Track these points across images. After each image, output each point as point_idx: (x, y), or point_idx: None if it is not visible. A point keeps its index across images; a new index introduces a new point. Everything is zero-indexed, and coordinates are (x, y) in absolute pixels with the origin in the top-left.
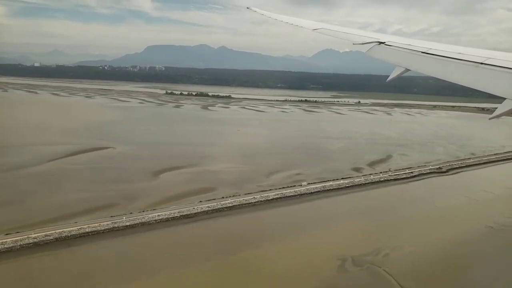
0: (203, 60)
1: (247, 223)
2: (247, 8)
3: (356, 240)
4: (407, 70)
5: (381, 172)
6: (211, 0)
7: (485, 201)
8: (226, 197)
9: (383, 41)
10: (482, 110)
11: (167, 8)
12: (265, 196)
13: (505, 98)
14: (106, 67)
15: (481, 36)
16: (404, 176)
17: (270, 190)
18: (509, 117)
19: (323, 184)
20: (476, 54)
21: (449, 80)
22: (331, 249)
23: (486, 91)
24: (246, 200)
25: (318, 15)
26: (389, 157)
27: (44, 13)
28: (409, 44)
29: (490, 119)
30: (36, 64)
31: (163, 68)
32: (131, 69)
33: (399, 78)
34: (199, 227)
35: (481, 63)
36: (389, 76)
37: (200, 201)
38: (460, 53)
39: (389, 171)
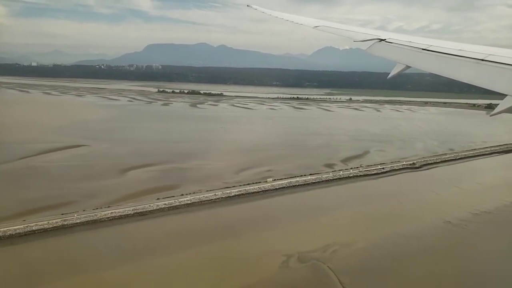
0: (202, 59)
1: (200, 221)
2: (248, 6)
3: (308, 236)
4: (407, 67)
5: (351, 168)
6: None
7: (450, 196)
8: (186, 194)
9: (383, 38)
10: (473, 106)
11: (167, 7)
12: (227, 193)
13: (506, 95)
14: (103, 66)
15: (482, 32)
16: (374, 172)
17: (234, 186)
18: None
19: (289, 180)
20: (477, 51)
21: (450, 77)
22: (280, 245)
23: (487, 88)
24: (206, 197)
25: (318, 13)
26: (366, 153)
27: (44, 13)
28: (409, 41)
29: (491, 115)
30: (34, 64)
31: (160, 67)
32: (128, 68)
33: (398, 75)
34: (150, 225)
35: (482, 60)
36: (388, 73)
37: (158, 199)
38: (460, 49)
39: (360, 167)
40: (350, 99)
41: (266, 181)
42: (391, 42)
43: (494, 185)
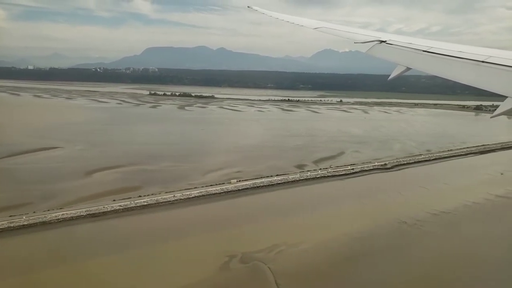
0: (201, 62)
1: (152, 222)
2: (248, 7)
3: (257, 236)
4: (408, 68)
5: (320, 169)
6: (210, 2)
7: (413, 197)
8: (144, 196)
9: (384, 40)
10: (463, 107)
11: (167, 10)
12: (187, 195)
13: (506, 97)
14: (99, 69)
15: (481, 34)
16: (343, 172)
17: (195, 188)
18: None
19: (254, 181)
20: (478, 53)
21: (451, 79)
22: (225, 246)
23: (487, 90)
24: (164, 199)
25: (317, 15)
26: (341, 154)
27: (44, 16)
28: (410, 43)
29: (491, 117)
30: (30, 67)
31: (156, 70)
32: (125, 71)
33: (398, 77)
34: (99, 226)
35: (483, 62)
36: (386, 75)
37: (114, 200)
38: (461, 51)
39: (329, 167)
40: (341, 101)
41: (230, 182)
42: (392, 44)
43: (460, 185)
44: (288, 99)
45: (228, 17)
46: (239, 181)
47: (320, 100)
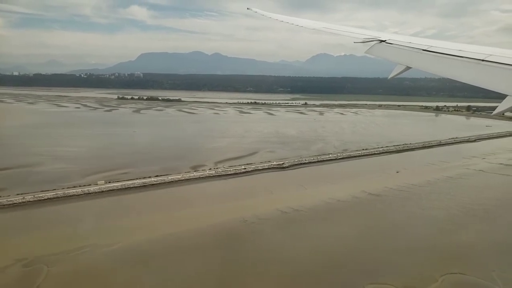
0: (196, 67)
1: None
2: (248, 8)
3: (73, 238)
4: (408, 67)
5: (209, 169)
6: (207, 7)
7: (280, 196)
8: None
9: (383, 39)
10: (426, 108)
11: (163, 16)
12: (39, 197)
13: (506, 95)
14: (84, 75)
15: (476, 37)
16: (233, 172)
17: (54, 190)
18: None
19: (123, 183)
20: (478, 51)
21: (450, 77)
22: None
23: (487, 88)
24: (9, 201)
25: (314, 19)
26: (252, 154)
27: (41, 23)
28: (409, 42)
29: (492, 115)
30: (15, 73)
31: (141, 75)
32: (109, 76)
33: (375, 80)
34: None
35: (482, 60)
36: (377, 77)
37: None
38: (461, 50)
39: (221, 167)
40: (306, 103)
41: (96, 184)
42: (391, 43)
43: (338, 185)
44: (255, 102)
45: (225, 23)
46: (109, 182)
47: (288, 103)
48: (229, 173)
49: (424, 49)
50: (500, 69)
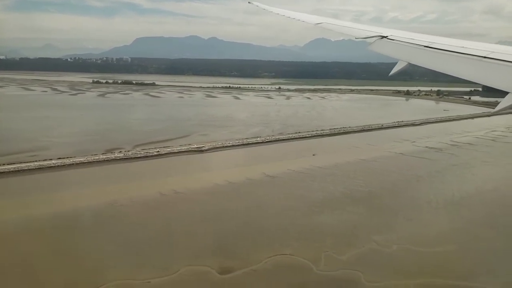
0: (192, 51)
1: None
2: (249, 2)
3: None
4: (409, 64)
5: (119, 152)
6: None
7: (177, 179)
8: None
9: (385, 35)
10: (398, 92)
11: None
12: None
13: (507, 92)
14: (69, 59)
15: (477, 22)
16: (143, 155)
17: None
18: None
19: (17, 166)
20: (480, 48)
21: (452, 74)
22: None
23: (489, 85)
24: None
25: (312, 4)
26: (182, 137)
27: (37, 6)
28: (411, 38)
29: (492, 113)
30: (1, 57)
31: (129, 60)
32: (94, 60)
33: (365, 65)
34: None
35: (485, 57)
36: (371, 63)
37: None
38: (463, 47)
39: (129, 151)
40: (279, 88)
41: None
42: (393, 39)
43: (245, 167)
44: (230, 86)
45: (223, 6)
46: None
47: (262, 88)
48: (138, 156)
49: (426, 45)
50: (502, 66)
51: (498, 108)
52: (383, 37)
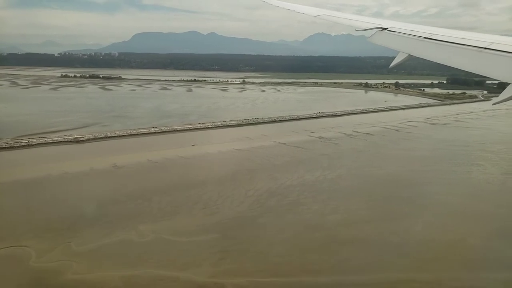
0: (190, 47)
1: None
2: None
3: None
4: (410, 56)
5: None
6: None
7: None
8: None
9: (385, 27)
10: (359, 85)
11: None
12: None
13: (508, 83)
14: (55, 54)
15: (480, 16)
16: (23, 144)
17: None
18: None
19: None
20: (480, 39)
21: (452, 66)
22: None
23: (489, 76)
24: None
25: None
26: (82, 127)
27: (38, 3)
28: (412, 30)
29: (493, 105)
30: None
31: (117, 54)
32: (81, 55)
33: (352, 59)
34: None
35: (485, 48)
36: (368, 56)
37: None
38: (463, 38)
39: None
40: (244, 81)
41: None
42: (393, 31)
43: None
44: (195, 80)
45: (224, 1)
46: None
47: (228, 81)
48: (21, 145)
49: (426, 37)
50: (502, 57)
51: (499, 99)
52: (383, 29)
